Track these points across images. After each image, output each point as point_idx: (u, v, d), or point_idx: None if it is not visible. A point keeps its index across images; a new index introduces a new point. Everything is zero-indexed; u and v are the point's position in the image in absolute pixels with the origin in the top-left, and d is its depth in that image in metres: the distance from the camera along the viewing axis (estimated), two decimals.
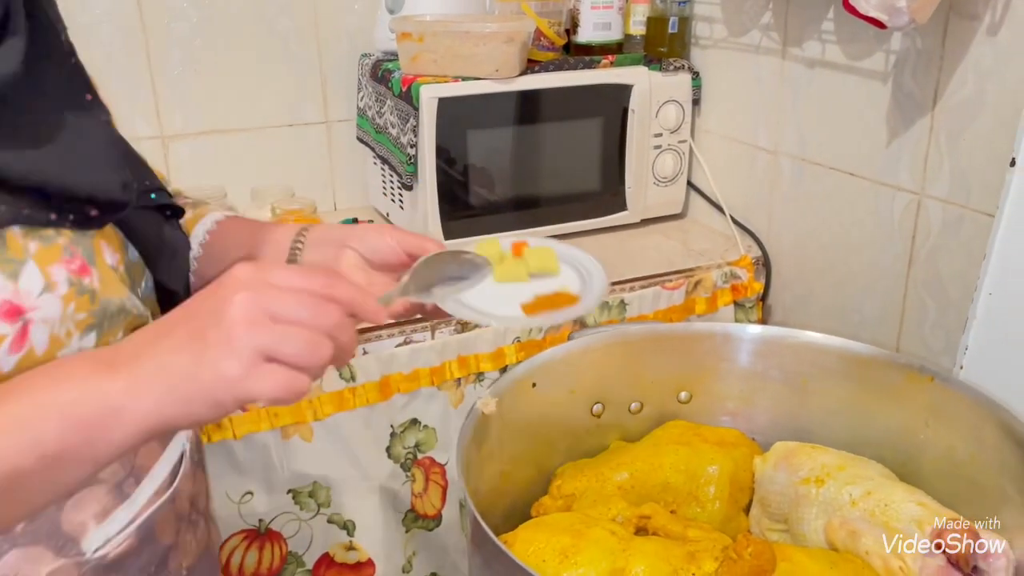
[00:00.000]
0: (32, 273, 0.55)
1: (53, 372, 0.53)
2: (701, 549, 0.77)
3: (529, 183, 1.54)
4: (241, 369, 0.51)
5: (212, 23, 1.56)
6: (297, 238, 0.78)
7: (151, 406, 0.52)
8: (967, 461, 0.82)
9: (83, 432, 0.51)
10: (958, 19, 1.12)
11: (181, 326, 0.54)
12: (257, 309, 0.53)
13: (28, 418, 0.50)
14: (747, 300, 1.51)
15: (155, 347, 0.53)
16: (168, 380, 0.52)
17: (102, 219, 0.61)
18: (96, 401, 0.51)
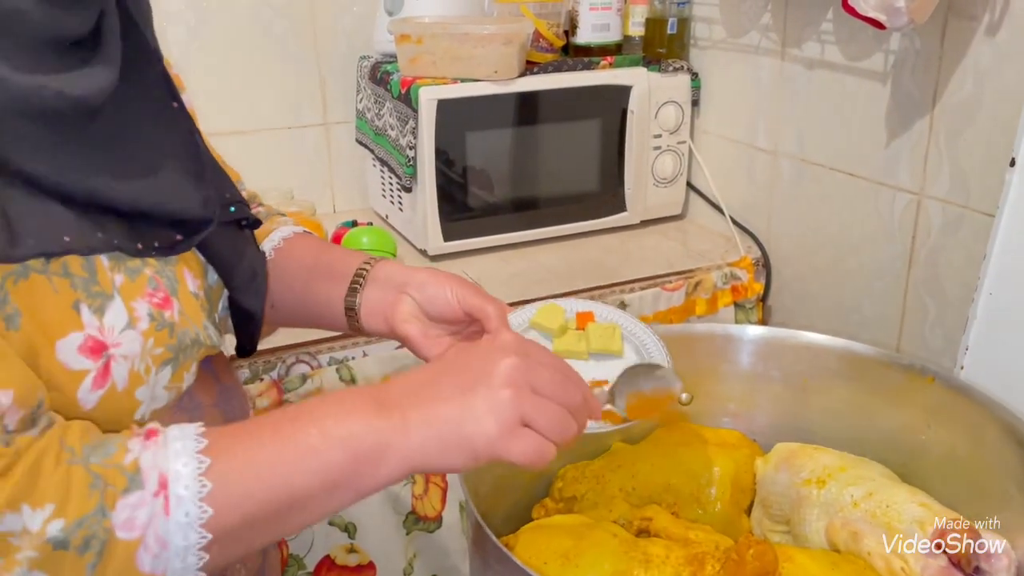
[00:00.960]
0: (117, 309, 0.55)
1: (338, 406, 0.57)
2: (703, 551, 0.76)
3: (528, 185, 1.54)
4: (502, 430, 0.57)
5: (209, 26, 1.56)
6: (359, 271, 0.78)
7: (416, 448, 0.56)
8: (968, 461, 0.82)
9: (359, 464, 0.56)
10: (957, 19, 1.12)
11: (450, 378, 0.59)
12: (522, 378, 0.58)
13: (318, 447, 0.55)
14: (747, 301, 1.51)
15: (424, 394, 0.58)
16: (434, 427, 0.57)
17: (186, 243, 0.61)
18: (374, 438, 0.56)
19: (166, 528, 0.50)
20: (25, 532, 0.47)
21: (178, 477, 0.51)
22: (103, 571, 0.49)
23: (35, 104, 0.51)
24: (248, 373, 1.18)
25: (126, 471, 0.50)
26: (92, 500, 0.49)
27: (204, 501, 0.51)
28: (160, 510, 0.50)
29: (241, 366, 1.17)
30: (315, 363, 1.22)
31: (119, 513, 0.49)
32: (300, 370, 1.21)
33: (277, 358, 1.20)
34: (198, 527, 0.51)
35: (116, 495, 0.50)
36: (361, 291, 0.77)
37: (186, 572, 0.52)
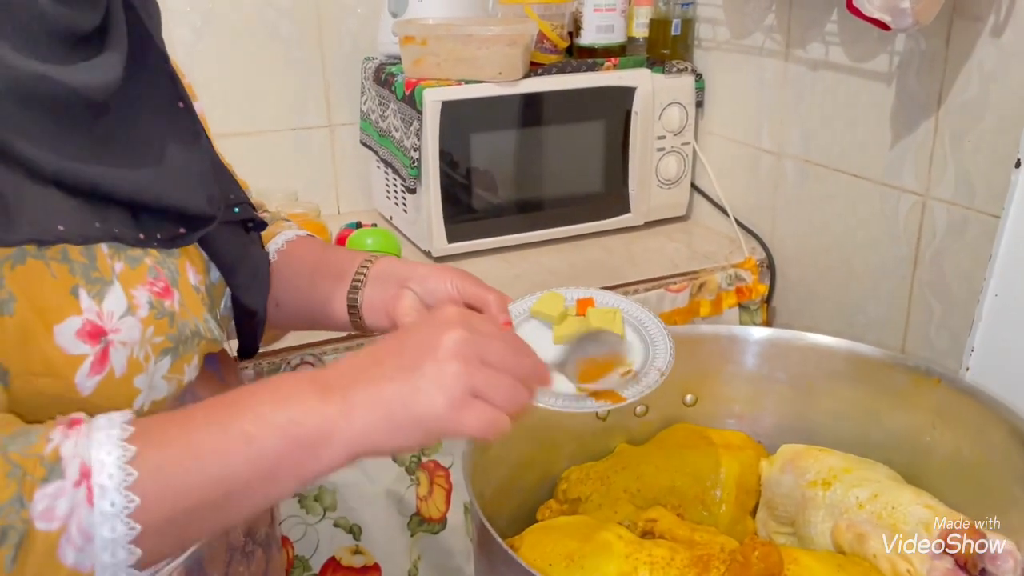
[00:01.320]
0: (117, 295, 0.55)
1: (275, 390, 0.55)
2: (708, 553, 0.76)
3: (532, 186, 1.54)
4: (453, 404, 0.55)
5: (215, 28, 1.56)
6: (360, 269, 0.78)
7: (362, 431, 0.54)
8: (974, 463, 0.82)
9: (299, 450, 0.53)
10: (962, 21, 1.12)
11: (393, 357, 0.56)
12: (470, 350, 0.56)
13: (253, 434, 0.52)
14: (752, 302, 1.51)
15: (367, 374, 0.56)
16: (381, 408, 0.54)
17: (188, 237, 0.61)
18: (314, 422, 0.53)
19: (90, 520, 0.48)
20: None
21: (101, 466, 0.49)
22: (23, 564, 0.47)
23: (41, 92, 0.51)
24: (252, 374, 1.18)
25: (45, 460, 0.49)
26: (9, 490, 0.47)
27: (130, 490, 0.49)
28: (82, 500, 0.48)
29: (246, 367, 1.17)
30: (319, 364, 1.22)
31: (37, 503, 0.47)
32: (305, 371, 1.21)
33: (282, 359, 1.20)
34: (125, 517, 0.49)
35: (34, 484, 0.48)
36: (363, 288, 0.78)
37: (117, 568, 0.49)
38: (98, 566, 0.49)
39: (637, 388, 0.72)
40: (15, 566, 0.47)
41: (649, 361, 0.76)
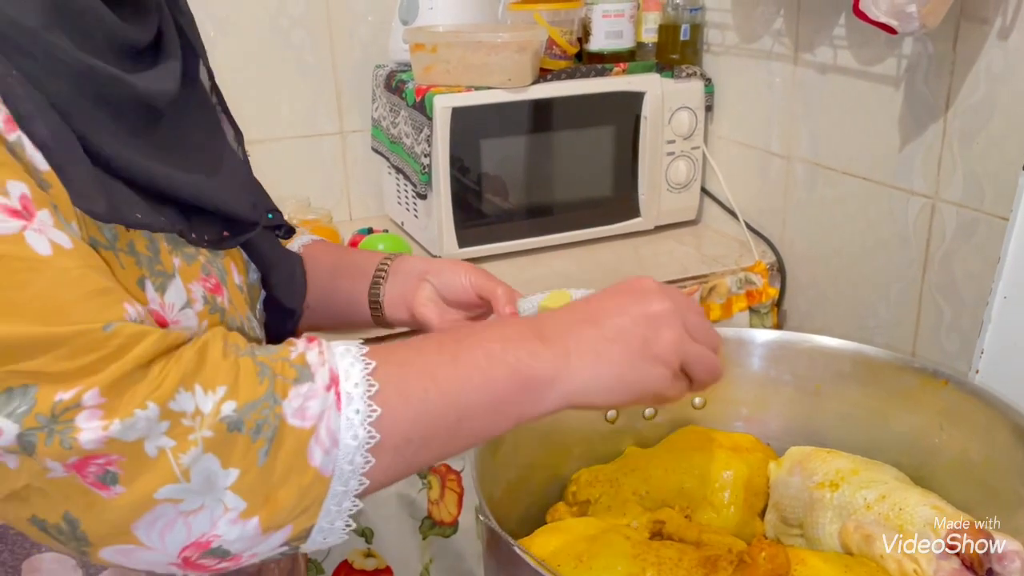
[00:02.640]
0: (177, 288, 0.57)
1: (500, 331, 0.58)
2: (716, 554, 0.77)
3: (542, 191, 1.55)
4: (667, 377, 0.59)
5: (228, 36, 1.58)
6: (381, 266, 0.82)
7: (582, 383, 0.57)
8: (982, 464, 0.82)
9: (523, 389, 0.56)
10: (969, 23, 1.12)
11: (609, 317, 0.59)
12: (682, 326, 0.60)
13: (483, 365, 0.55)
14: (762, 306, 1.51)
15: (586, 331, 0.58)
16: (601, 366, 0.57)
17: (232, 240, 0.63)
18: (540, 366, 0.56)
19: (337, 423, 0.50)
20: (198, 413, 0.47)
21: (347, 374, 0.51)
22: (274, 458, 0.49)
23: (113, 94, 0.53)
24: None
25: (294, 364, 0.51)
26: (262, 386, 0.49)
27: (373, 399, 0.51)
28: (332, 404, 0.50)
29: None
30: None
31: (291, 401, 0.50)
32: None
33: None
34: (368, 425, 0.51)
35: (287, 384, 0.50)
36: (384, 284, 0.81)
37: (352, 476, 0.51)
38: (336, 472, 0.50)
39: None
40: (267, 459, 0.48)
41: None
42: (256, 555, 0.51)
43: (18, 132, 0.47)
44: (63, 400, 0.45)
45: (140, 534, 0.48)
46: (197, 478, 0.47)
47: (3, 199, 0.45)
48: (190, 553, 0.49)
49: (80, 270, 0.47)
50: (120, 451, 0.46)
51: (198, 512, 0.48)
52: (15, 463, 0.46)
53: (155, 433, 0.47)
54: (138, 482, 0.47)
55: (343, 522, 0.52)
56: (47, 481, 0.46)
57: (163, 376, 0.47)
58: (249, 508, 0.49)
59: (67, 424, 0.45)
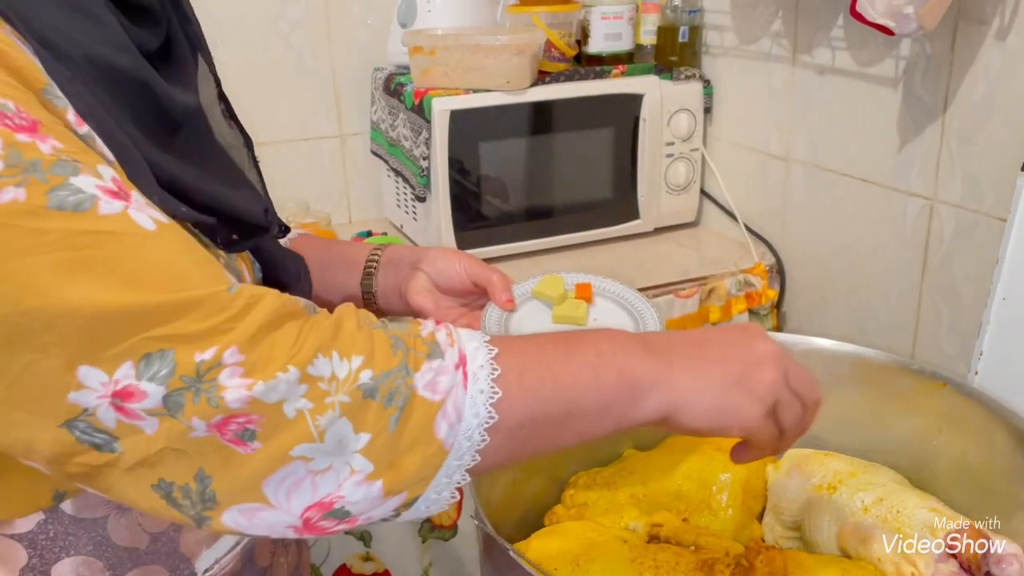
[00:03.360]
0: None
1: (610, 336, 0.60)
2: (713, 557, 0.77)
3: (542, 193, 1.55)
4: (760, 413, 0.59)
5: (227, 40, 1.58)
6: (371, 256, 0.82)
7: (679, 396, 0.58)
8: (980, 467, 0.82)
9: (629, 392, 0.57)
10: (966, 24, 1.12)
11: (715, 345, 0.61)
12: (783, 371, 0.60)
13: (596, 366, 0.57)
14: (761, 308, 1.51)
15: (689, 351, 0.60)
16: (700, 384, 0.59)
17: (242, 244, 0.64)
18: (645, 371, 0.58)
19: (463, 400, 0.52)
20: (334, 378, 0.49)
21: (474, 356, 0.54)
22: (403, 426, 0.51)
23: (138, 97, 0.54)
24: None
25: (426, 340, 0.53)
26: (396, 358, 0.51)
27: (495, 383, 0.53)
28: (460, 381, 0.53)
29: None
30: None
31: (423, 375, 0.52)
32: None
33: None
34: (489, 405, 0.53)
35: (419, 359, 0.52)
36: (376, 274, 0.82)
37: (468, 451, 0.53)
38: (455, 447, 0.53)
39: None
40: (397, 427, 0.50)
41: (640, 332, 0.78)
42: (371, 518, 0.53)
43: (87, 126, 0.49)
44: (205, 360, 0.47)
45: (269, 492, 0.49)
46: (331, 439, 0.49)
47: (100, 182, 0.47)
48: (312, 514, 0.51)
49: (184, 242, 0.50)
50: (261, 411, 0.48)
51: (326, 472, 0.50)
52: (154, 427, 0.47)
53: (294, 395, 0.48)
54: (275, 439, 0.48)
55: (449, 493, 0.54)
56: (188, 441, 0.48)
57: (301, 341, 0.49)
58: (375, 471, 0.51)
59: (212, 383, 0.47)
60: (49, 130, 0.47)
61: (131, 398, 0.46)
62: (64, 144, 0.47)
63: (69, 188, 0.46)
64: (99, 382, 0.46)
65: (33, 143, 0.45)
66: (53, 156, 0.46)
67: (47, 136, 0.46)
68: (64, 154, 0.46)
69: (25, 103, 0.46)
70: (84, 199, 0.46)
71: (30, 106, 0.47)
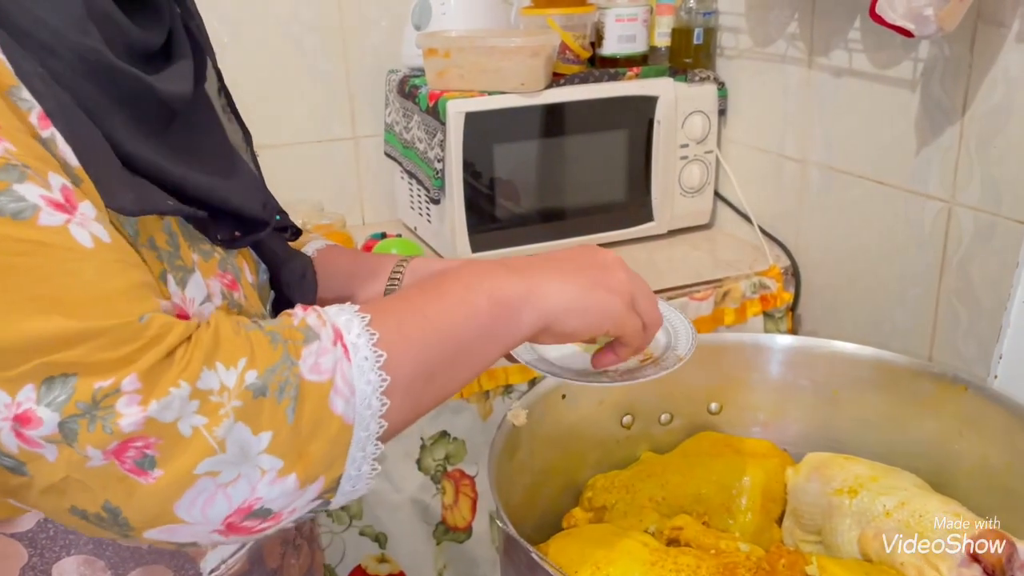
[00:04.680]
0: (197, 282, 0.58)
1: (472, 267, 0.63)
2: (734, 561, 0.76)
3: (555, 195, 1.55)
4: (624, 306, 0.65)
5: (241, 42, 1.58)
6: (396, 269, 0.82)
7: (550, 303, 0.62)
8: (1002, 470, 0.81)
9: (504, 312, 0.61)
10: (986, 27, 1.11)
11: (567, 262, 0.66)
12: (627, 272, 0.67)
13: (464, 298, 0.60)
14: (776, 310, 1.50)
15: (546, 267, 0.64)
16: (565, 288, 0.63)
17: (243, 240, 0.64)
18: (513, 289, 0.61)
19: (350, 372, 0.53)
20: (224, 388, 0.50)
21: (348, 328, 0.55)
22: (300, 414, 0.51)
23: (132, 94, 0.54)
24: None
25: (299, 328, 0.54)
26: (277, 352, 0.52)
27: (376, 346, 0.54)
28: (341, 355, 0.53)
29: None
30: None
31: (305, 360, 0.52)
32: None
33: None
34: (378, 369, 0.54)
35: (298, 346, 0.53)
36: (399, 285, 0.82)
37: (372, 420, 0.54)
38: (357, 420, 0.54)
39: (654, 370, 0.74)
40: (295, 417, 0.51)
41: (670, 349, 0.77)
42: (295, 511, 0.53)
43: (51, 129, 0.49)
44: (103, 387, 0.47)
45: (182, 513, 0.50)
46: (232, 448, 0.49)
47: (46, 192, 0.47)
48: (234, 519, 0.51)
49: (119, 263, 0.49)
50: (157, 433, 0.48)
51: (236, 481, 0.50)
52: (54, 455, 0.47)
53: (187, 413, 0.48)
54: (176, 462, 0.48)
55: (369, 466, 0.55)
56: (86, 471, 0.48)
57: (187, 359, 0.49)
58: (285, 466, 0.51)
59: (108, 410, 0.47)
60: (5, 132, 0.46)
61: (29, 423, 0.46)
62: (18, 148, 0.46)
63: (11, 195, 0.45)
64: (3, 403, 0.46)
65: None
66: (1, 160, 0.45)
67: (1, 139, 0.46)
68: (14, 159, 0.46)
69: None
70: (25, 207, 0.46)
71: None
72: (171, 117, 0.58)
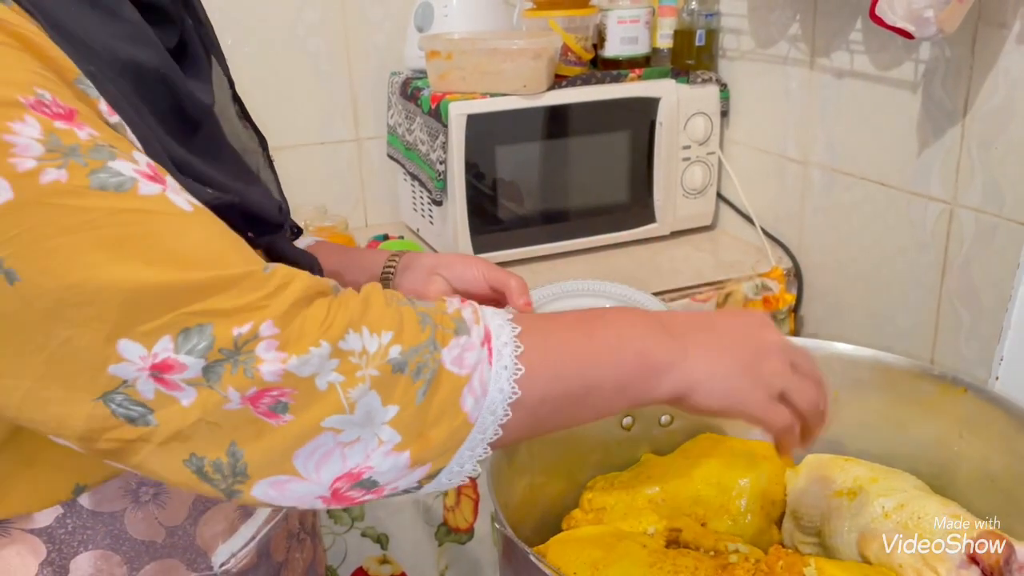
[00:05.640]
0: None
1: (627, 317, 0.63)
2: (733, 562, 0.76)
3: (558, 197, 1.55)
4: (766, 400, 0.63)
5: (245, 45, 1.59)
6: (388, 263, 0.83)
7: (694, 377, 0.61)
8: (1002, 473, 0.81)
9: (646, 372, 0.60)
10: (987, 28, 1.11)
11: (724, 331, 0.64)
12: (788, 360, 0.64)
13: (615, 347, 0.60)
14: (779, 312, 1.50)
15: (703, 335, 0.63)
16: (714, 370, 0.61)
17: (257, 241, 0.64)
18: (662, 352, 0.61)
19: (488, 375, 0.54)
20: (365, 352, 0.51)
21: (499, 334, 0.56)
22: (431, 399, 0.52)
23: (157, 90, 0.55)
24: None
25: (453, 317, 0.55)
26: (424, 333, 0.53)
27: (519, 359, 0.55)
28: (485, 357, 0.54)
29: None
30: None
31: (450, 350, 0.53)
32: None
33: None
34: (512, 381, 0.55)
35: (447, 334, 0.54)
36: (393, 279, 0.83)
37: (491, 425, 0.55)
38: (479, 421, 0.54)
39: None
40: (424, 399, 0.52)
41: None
42: (397, 487, 0.54)
43: (118, 117, 0.50)
44: (242, 333, 0.48)
45: (299, 463, 0.51)
46: (360, 411, 0.51)
47: (136, 166, 0.48)
48: (341, 484, 0.52)
49: (219, 224, 0.51)
50: (294, 385, 0.49)
51: (354, 443, 0.51)
52: (190, 399, 0.48)
53: (326, 369, 0.50)
54: (307, 411, 0.50)
55: (471, 466, 0.56)
56: (222, 413, 0.49)
57: (332, 317, 0.51)
58: (403, 442, 0.52)
59: (249, 355, 0.48)
60: (84, 118, 0.48)
61: (171, 370, 0.47)
62: (99, 132, 0.48)
63: (109, 171, 0.47)
64: (138, 356, 0.47)
65: (71, 130, 0.47)
66: (90, 142, 0.47)
67: (83, 124, 0.47)
68: (101, 140, 0.48)
69: (60, 93, 0.47)
70: (124, 180, 0.47)
71: (64, 96, 0.48)
72: (196, 123, 0.59)
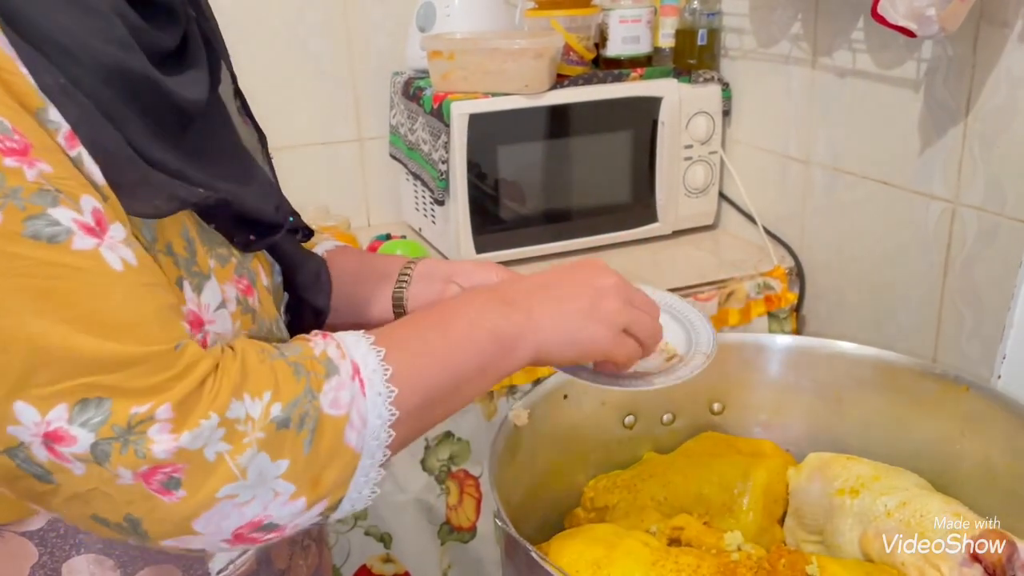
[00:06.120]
0: (213, 288, 0.59)
1: (472, 302, 0.67)
2: (735, 561, 0.76)
3: (560, 196, 1.55)
4: (612, 336, 0.68)
5: (246, 45, 1.59)
6: (404, 270, 0.83)
7: (544, 339, 0.66)
8: (1004, 471, 0.81)
9: (502, 349, 0.64)
10: (989, 26, 1.11)
11: (562, 287, 0.69)
12: (624, 293, 0.69)
13: (468, 335, 0.64)
14: (781, 311, 1.50)
15: (541, 296, 0.68)
16: (558, 325, 0.66)
17: (258, 243, 0.65)
18: (511, 327, 0.65)
19: (365, 407, 0.56)
20: (249, 418, 0.52)
21: (365, 363, 0.57)
22: (317, 446, 0.54)
23: (146, 96, 0.55)
24: None
25: (320, 360, 0.57)
26: (300, 384, 0.55)
27: (390, 382, 0.57)
28: (358, 391, 0.56)
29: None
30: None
31: (326, 395, 0.55)
32: None
33: None
34: (389, 404, 0.57)
35: (319, 380, 0.56)
36: (407, 287, 0.83)
37: (378, 449, 0.57)
38: (366, 448, 0.57)
39: (687, 370, 0.76)
40: (311, 448, 0.54)
41: (693, 346, 0.78)
42: (299, 525, 0.56)
43: (79, 148, 0.50)
44: (138, 413, 0.48)
45: (198, 527, 0.52)
46: (252, 474, 0.52)
47: (78, 216, 0.48)
48: (242, 531, 0.54)
49: (148, 287, 0.51)
50: (186, 460, 0.50)
51: (251, 502, 0.53)
52: (82, 470, 0.49)
53: (214, 440, 0.51)
54: (200, 485, 0.51)
55: (369, 490, 0.58)
56: (114, 487, 0.49)
57: (216, 389, 0.51)
58: (297, 491, 0.54)
59: (141, 435, 0.49)
60: (40, 153, 0.47)
61: (61, 441, 0.48)
62: (54, 169, 0.47)
63: (46, 219, 0.47)
64: (32, 421, 0.47)
65: (20, 169, 0.46)
66: (35, 185, 0.46)
67: (37, 160, 0.47)
68: (49, 182, 0.47)
69: (20, 123, 0.47)
70: (59, 232, 0.47)
71: (25, 126, 0.47)
72: (188, 122, 0.59)
